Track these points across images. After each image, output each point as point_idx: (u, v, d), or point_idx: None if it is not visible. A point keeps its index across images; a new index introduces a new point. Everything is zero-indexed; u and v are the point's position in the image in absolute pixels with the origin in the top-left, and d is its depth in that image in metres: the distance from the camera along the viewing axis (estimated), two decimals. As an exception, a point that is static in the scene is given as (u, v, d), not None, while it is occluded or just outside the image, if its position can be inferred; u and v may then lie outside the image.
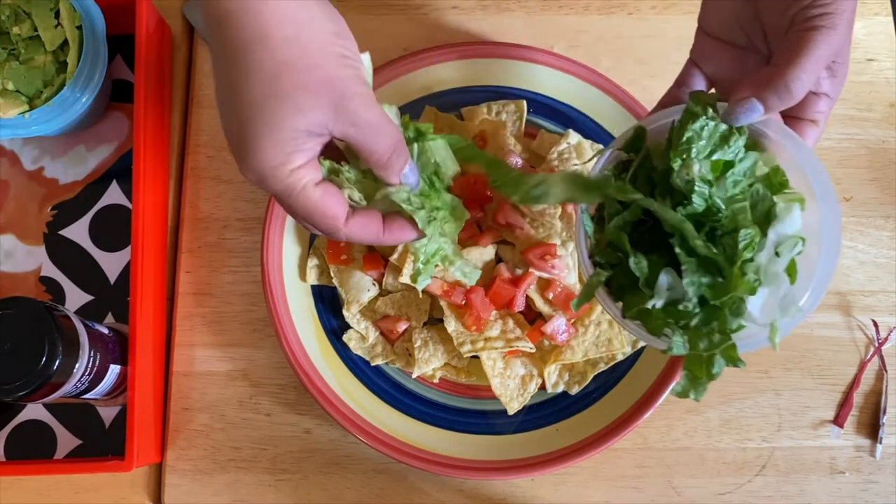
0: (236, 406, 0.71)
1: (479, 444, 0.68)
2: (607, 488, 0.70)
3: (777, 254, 0.49)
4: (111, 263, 0.73)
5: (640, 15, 0.77)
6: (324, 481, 0.70)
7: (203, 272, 0.73)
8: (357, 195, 0.53)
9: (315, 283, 0.70)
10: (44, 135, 0.69)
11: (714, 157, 0.49)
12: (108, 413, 0.71)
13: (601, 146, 0.71)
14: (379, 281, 0.70)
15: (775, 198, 0.50)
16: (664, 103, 0.57)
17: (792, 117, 0.52)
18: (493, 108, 0.72)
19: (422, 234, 0.55)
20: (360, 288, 0.69)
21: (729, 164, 0.50)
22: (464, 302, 0.67)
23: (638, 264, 0.50)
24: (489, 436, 0.68)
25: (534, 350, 0.67)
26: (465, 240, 0.67)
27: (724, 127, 0.49)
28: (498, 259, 0.69)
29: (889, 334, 0.72)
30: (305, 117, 0.46)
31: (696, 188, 0.49)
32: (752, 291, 0.48)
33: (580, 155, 0.70)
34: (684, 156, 0.49)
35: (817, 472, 0.71)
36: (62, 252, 0.73)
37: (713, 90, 0.56)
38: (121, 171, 0.75)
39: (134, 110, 0.70)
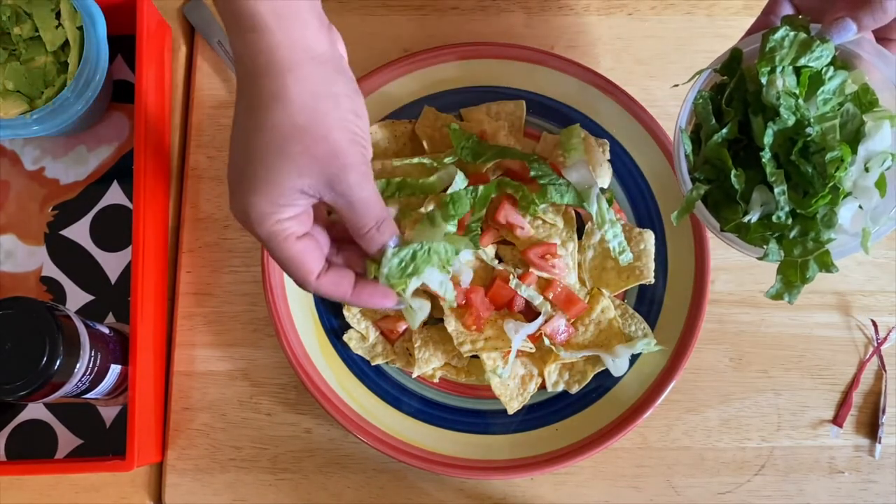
0: (237, 406, 0.71)
1: (479, 444, 0.68)
2: (607, 488, 0.70)
3: (867, 169, 0.52)
4: (112, 263, 0.73)
5: (639, 15, 0.78)
6: (324, 481, 0.70)
7: (204, 272, 0.73)
8: None
9: (315, 283, 0.71)
10: (45, 135, 0.69)
11: (799, 63, 0.52)
12: (108, 413, 0.71)
13: (606, 141, 0.71)
14: (379, 281, 0.70)
15: (865, 116, 0.53)
16: (753, 32, 0.58)
17: (884, 38, 0.54)
18: (493, 109, 0.72)
19: (398, 306, 0.56)
20: (361, 288, 0.69)
21: (818, 81, 0.53)
22: (464, 302, 0.67)
23: (738, 177, 0.53)
24: (489, 435, 0.68)
25: (534, 350, 0.67)
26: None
27: (804, 35, 0.52)
28: (498, 259, 0.69)
29: (888, 334, 0.72)
30: (303, 181, 0.49)
31: (783, 101, 0.51)
32: (836, 202, 0.51)
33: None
34: (770, 66, 0.52)
35: (816, 471, 0.71)
36: (63, 252, 0.73)
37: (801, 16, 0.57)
38: (121, 171, 0.75)
39: (134, 110, 0.70)
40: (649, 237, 0.69)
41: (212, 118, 0.76)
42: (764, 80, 0.52)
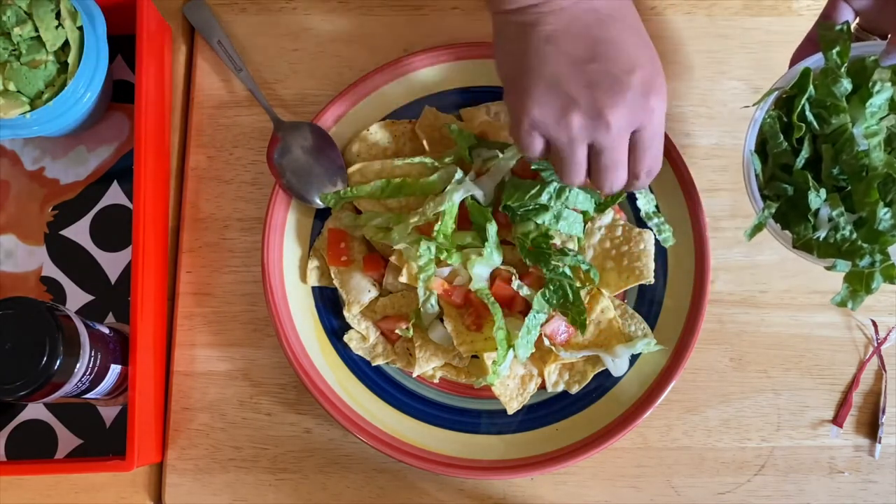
0: (237, 406, 0.71)
1: (479, 444, 0.68)
2: (607, 488, 0.70)
3: None
4: (112, 263, 0.73)
5: (639, 15, 0.77)
6: (324, 481, 0.70)
7: (203, 272, 0.73)
8: None
9: (316, 284, 0.71)
10: (45, 135, 0.69)
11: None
12: (108, 413, 0.71)
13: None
14: (379, 282, 0.70)
15: None
16: (811, 37, 0.60)
17: None
18: (492, 109, 0.72)
19: None
20: (361, 289, 0.69)
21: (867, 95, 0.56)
22: (463, 302, 0.67)
23: (818, 197, 0.56)
24: (489, 435, 0.68)
25: (533, 350, 0.67)
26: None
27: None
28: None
29: (888, 334, 0.72)
30: None
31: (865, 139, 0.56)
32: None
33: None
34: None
35: (816, 471, 0.71)
36: (63, 252, 0.73)
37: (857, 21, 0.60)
38: (121, 171, 0.75)
39: (134, 110, 0.70)
40: (649, 237, 0.69)
41: (212, 118, 0.76)
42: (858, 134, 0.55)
